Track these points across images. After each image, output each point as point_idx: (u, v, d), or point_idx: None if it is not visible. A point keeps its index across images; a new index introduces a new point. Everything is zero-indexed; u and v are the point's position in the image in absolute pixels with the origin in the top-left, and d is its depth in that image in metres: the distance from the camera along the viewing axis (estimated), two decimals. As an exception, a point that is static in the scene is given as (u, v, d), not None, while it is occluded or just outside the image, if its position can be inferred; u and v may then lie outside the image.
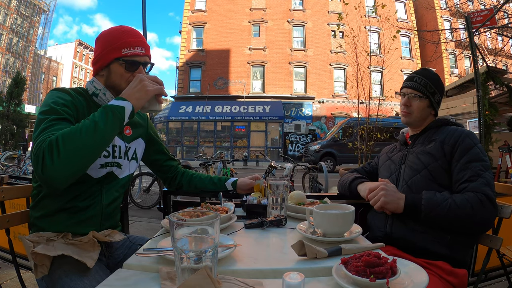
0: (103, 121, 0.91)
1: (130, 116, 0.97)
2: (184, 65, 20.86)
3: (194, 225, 0.63)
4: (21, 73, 19.93)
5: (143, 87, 0.99)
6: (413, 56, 21.18)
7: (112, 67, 1.10)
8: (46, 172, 0.83)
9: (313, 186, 5.81)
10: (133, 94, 0.99)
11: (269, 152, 18.50)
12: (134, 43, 1.10)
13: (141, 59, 1.11)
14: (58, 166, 0.84)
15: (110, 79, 1.11)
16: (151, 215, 4.75)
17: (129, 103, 0.97)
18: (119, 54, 1.08)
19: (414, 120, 1.32)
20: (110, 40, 1.09)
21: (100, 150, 0.93)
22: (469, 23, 4.90)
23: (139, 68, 1.11)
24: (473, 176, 1.10)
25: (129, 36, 1.10)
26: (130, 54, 1.08)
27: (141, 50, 1.11)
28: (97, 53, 1.12)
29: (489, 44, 14.25)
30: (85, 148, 0.88)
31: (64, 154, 0.84)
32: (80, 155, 0.87)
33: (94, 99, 1.12)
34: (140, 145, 1.26)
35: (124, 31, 1.12)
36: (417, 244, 1.13)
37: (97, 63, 1.12)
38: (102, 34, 1.13)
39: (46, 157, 0.83)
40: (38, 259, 0.96)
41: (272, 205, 1.15)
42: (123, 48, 1.08)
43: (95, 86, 1.12)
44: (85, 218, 1.07)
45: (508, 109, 6.10)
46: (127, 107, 0.96)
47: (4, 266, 2.37)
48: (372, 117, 6.57)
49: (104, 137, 0.92)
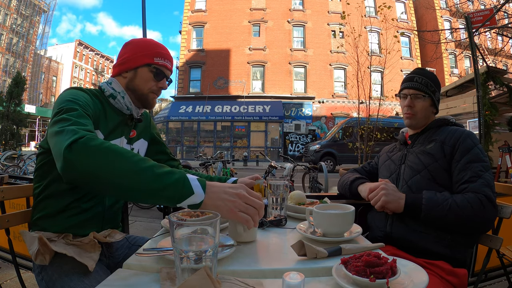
0: (158, 175, 0.72)
1: (190, 206, 0.75)
2: (184, 65, 20.85)
3: (194, 225, 0.62)
4: (21, 73, 19.94)
5: (235, 206, 0.76)
6: (413, 56, 21.18)
7: (140, 71, 1.13)
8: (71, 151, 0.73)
9: (313, 186, 5.81)
10: (217, 200, 0.75)
11: (269, 152, 18.49)
12: (166, 56, 1.16)
13: (167, 72, 1.18)
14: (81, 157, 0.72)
15: (133, 81, 1.14)
16: (151, 215, 4.75)
17: (202, 197, 0.74)
18: (151, 61, 1.13)
19: (418, 121, 1.31)
20: (144, 47, 1.14)
21: (119, 190, 0.74)
22: (469, 23, 4.90)
23: (163, 80, 1.17)
24: (473, 176, 1.10)
25: (162, 48, 1.16)
26: (161, 64, 1.14)
27: (170, 64, 1.18)
28: (126, 55, 1.14)
29: (489, 44, 14.26)
30: (108, 171, 0.72)
31: (94, 156, 0.73)
32: (104, 172, 0.72)
33: (111, 101, 1.12)
34: (142, 145, 1.27)
35: (158, 43, 1.18)
36: (417, 244, 1.13)
37: (125, 64, 1.13)
38: (134, 41, 1.18)
39: (80, 142, 0.73)
40: (43, 247, 0.95)
41: (272, 205, 1.15)
42: (155, 57, 1.13)
43: (114, 88, 1.13)
44: (87, 219, 1.07)
45: (508, 109, 6.10)
46: (195, 197, 0.73)
47: (4, 266, 2.37)
48: (372, 117, 6.57)
49: (136, 185, 0.71)
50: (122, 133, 1.15)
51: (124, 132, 1.16)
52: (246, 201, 0.77)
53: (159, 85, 1.16)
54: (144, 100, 1.17)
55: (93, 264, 0.96)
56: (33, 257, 0.96)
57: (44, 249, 0.96)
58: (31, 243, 0.97)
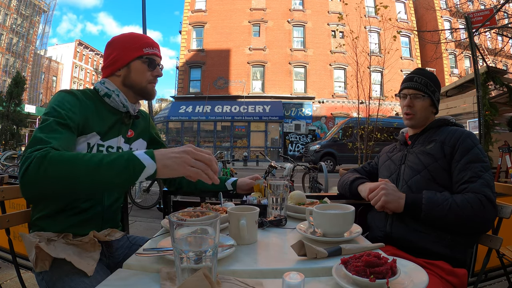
0: (110, 165, 0.77)
1: (148, 178, 0.80)
2: (184, 65, 20.86)
3: (194, 225, 0.63)
4: (21, 73, 19.95)
5: (183, 161, 0.79)
6: (413, 56, 21.18)
7: (133, 65, 1.13)
8: (22, 180, 0.79)
9: (313, 186, 5.81)
10: (166, 160, 0.79)
11: (269, 152, 18.49)
12: (153, 44, 1.16)
13: (158, 59, 1.18)
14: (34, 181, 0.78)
15: (129, 77, 1.14)
16: (151, 215, 4.75)
17: (154, 166, 0.78)
18: (141, 53, 1.13)
19: (418, 121, 1.31)
20: (130, 41, 1.14)
21: (85, 190, 0.81)
22: (469, 23, 4.90)
23: (157, 67, 1.17)
24: (473, 177, 1.10)
25: (147, 38, 1.18)
26: (151, 53, 1.15)
27: (158, 52, 1.18)
28: (113, 54, 1.13)
29: (489, 44, 14.26)
30: (68, 179, 0.77)
31: (45, 174, 0.77)
32: (59, 184, 0.78)
33: (106, 100, 1.12)
34: (141, 145, 1.27)
35: (141, 34, 1.19)
36: (417, 244, 1.13)
37: (115, 63, 1.13)
38: (116, 38, 1.16)
39: (31, 168, 0.78)
40: (41, 254, 0.96)
41: (272, 205, 1.15)
42: (144, 48, 1.13)
43: (108, 87, 1.12)
44: (86, 219, 1.07)
45: (508, 109, 6.10)
46: (148, 169, 0.78)
47: (4, 266, 2.37)
48: (372, 117, 6.57)
49: (97, 181, 0.78)
50: (119, 132, 1.15)
51: (121, 131, 1.16)
52: (195, 157, 0.80)
53: (154, 74, 1.17)
54: (144, 92, 1.17)
55: (94, 264, 0.97)
56: (33, 264, 0.96)
57: (43, 256, 0.96)
58: (30, 249, 0.98)
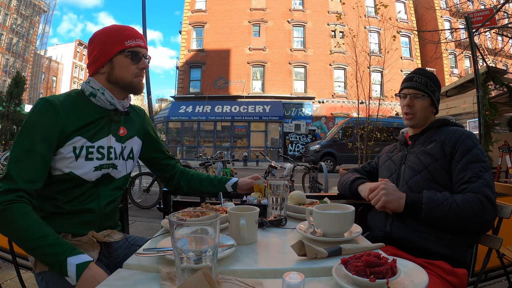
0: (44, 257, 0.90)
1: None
2: (184, 65, 20.85)
3: (194, 225, 0.63)
4: (21, 73, 19.95)
5: None
6: (413, 56, 21.18)
7: (116, 60, 1.09)
8: None
9: (313, 186, 5.81)
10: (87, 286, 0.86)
11: (269, 152, 18.49)
12: (135, 35, 1.12)
13: (142, 51, 1.13)
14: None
15: (113, 74, 1.10)
16: (151, 215, 4.75)
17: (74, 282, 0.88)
18: (123, 47, 1.08)
19: (418, 121, 1.31)
20: (110, 36, 1.10)
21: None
22: (469, 23, 4.89)
23: (141, 60, 1.12)
24: (473, 177, 1.10)
25: (128, 29, 1.12)
26: (134, 45, 1.10)
27: (142, 42, 1.13)
28: (95, 51, 1.10)
29: (489, 44, 14.25)
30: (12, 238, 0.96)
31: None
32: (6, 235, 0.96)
33: (92, 99, 1.09)
34: (136, 143, 1.23)
35: (122, 26, 1.14)
36: (417, 244, 1.13)
37: (98, 61, 1.10)
38: (97, 34, 1.12)
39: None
40: None
41: (272, 205, 1.15)
42: (126, 41, 1.09)
43: (92, 86, 1.09)
44: (84, 219, 1.07)
45: (508, 109, 6.10)
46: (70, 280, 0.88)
47: (4, 266, 2.36)
48: (372, 117, 6.57)
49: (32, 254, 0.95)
50: (108, 131, 1.11)
51: (111, 129, 1.12)
52: None
53: (140, 66, 1.12)
54: (131, 87, 1.13)
55: None
56: (33, 265, 0.97)
57: None
58: None
